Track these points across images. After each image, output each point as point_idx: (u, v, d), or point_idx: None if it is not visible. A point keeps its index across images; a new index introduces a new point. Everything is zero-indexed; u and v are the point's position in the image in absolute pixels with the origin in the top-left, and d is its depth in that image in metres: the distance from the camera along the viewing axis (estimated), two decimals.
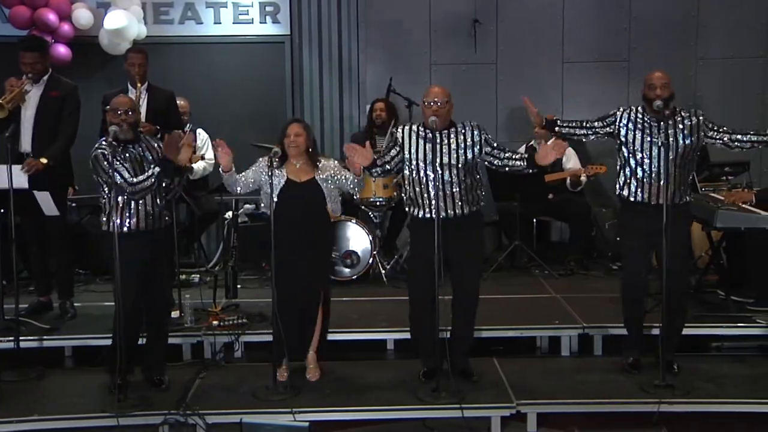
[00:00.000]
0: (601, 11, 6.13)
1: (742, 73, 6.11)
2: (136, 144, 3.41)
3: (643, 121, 3.56)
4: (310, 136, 3.55)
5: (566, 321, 4.15)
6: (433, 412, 3.31)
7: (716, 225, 3.99)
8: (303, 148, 3.51)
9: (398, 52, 6.13)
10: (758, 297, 4.20)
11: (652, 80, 3.53)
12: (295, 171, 3.51)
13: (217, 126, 5.73)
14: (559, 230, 6.06)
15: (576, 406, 3.38)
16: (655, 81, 3.52)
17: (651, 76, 3.56)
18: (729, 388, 3.47)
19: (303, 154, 3.52)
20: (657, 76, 3.54)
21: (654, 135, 3.51)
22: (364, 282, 5.05)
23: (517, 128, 6.13)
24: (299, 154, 3.51)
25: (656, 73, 3.57)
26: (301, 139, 3.49)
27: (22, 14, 5.50)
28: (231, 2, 6.06)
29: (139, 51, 4.42)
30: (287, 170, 3.52)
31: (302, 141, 3.49)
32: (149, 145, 3.46)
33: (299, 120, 3.66)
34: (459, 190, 3.42)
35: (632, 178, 3.56)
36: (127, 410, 3.23)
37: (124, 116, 3.34)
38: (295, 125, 3.53)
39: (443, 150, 3.40)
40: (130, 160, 3.35)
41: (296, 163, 3.53)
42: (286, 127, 3.52)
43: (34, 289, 4.51)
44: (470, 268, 3.53)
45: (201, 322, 4.12)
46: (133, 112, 3.40)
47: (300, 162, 3.53)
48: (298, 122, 3.58)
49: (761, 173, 5.70)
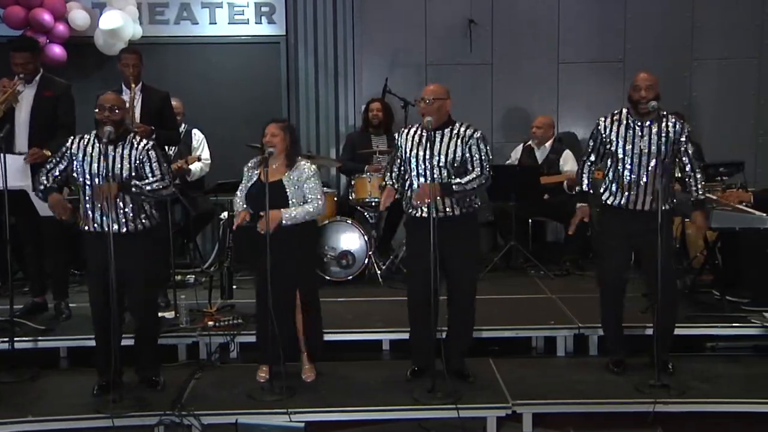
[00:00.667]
0: (597, 12, 6.16)
1: (737, 73, 6.14)
2: (120, 143, 3.38)
3: (626, 124, 3.53)
4: (288, 137, 3.49)
5: (562, 321, 4.16)
6: (428, 412, 3.31)
7: (711, 225, 3.99)
8: (279, 149, 3.46)
9: (394, 52, 6.14)
10: (753, 297, 4.21)
11: (637, 81, 3.51)
12: (270, 171, 3.43)
13: (212, 126, 5.74)
14: (554, 231, 6.07)
15: (571, 406, 3.38)
16: (640, 82, 3.48)
17: (636, 77, 3.53)
18: (724, 388, 3.48)
19: (280, 154, 3.48)
20: (642, 78, 3.50)
21: (637, 138, 3.50)
22: (359, 282, 5.04)
23: (512, 128, 6.16)
24: (276, 155, 3.47)
25: (641, 74, 3.53)
26: (276, 139, 3.44)
27: (16, 14, 5.48)
28: (226, 3, 6.07)
29: (133, 51, 4.40)
30: (261, 170, 3.47)
31: (278, 141, 3.45)
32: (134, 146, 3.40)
33: (278, 120, 3.58)
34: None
35: (615, 181, 3.56)
36: (122, 411, 3.22)
37: (109, 113, 3.32)
38: (272, 126, 3.48)
39: (436, 148, 3.41)
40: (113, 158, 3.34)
41: (273, 163, 3.48)
42: (264, 126, 3.50)
43: (28, 290, 4.49)
44: (465, 269, 3.53)
45: (196, 322, 4.11)
46: (119, 110, 3.38)
47: (276, 163, 3.49)
48: (276, 122, 3.52)
49: (756, 173, 5.72)
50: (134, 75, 4.24)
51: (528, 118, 5.86)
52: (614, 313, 3.67)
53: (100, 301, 3.34)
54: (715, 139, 5.95)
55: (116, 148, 3.37)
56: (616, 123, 3.56)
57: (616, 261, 3.63)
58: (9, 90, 3.96)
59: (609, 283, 3.66)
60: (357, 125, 6.05)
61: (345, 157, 5.66)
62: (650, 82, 3.48)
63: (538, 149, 5.60)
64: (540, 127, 5.57)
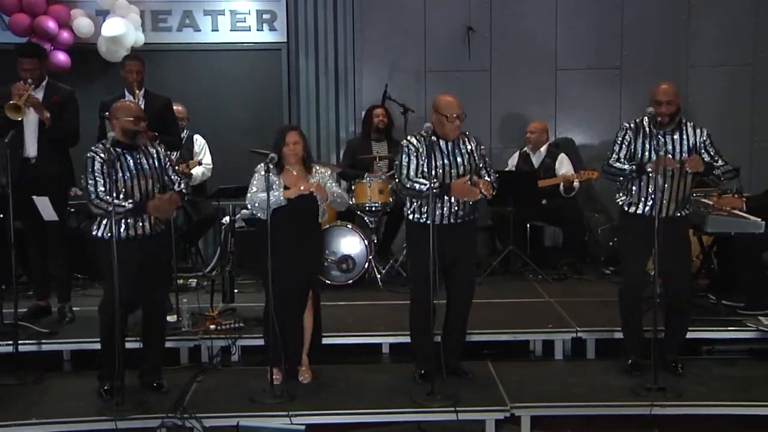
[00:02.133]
0: (594, 19, 6.21)
1: (732, 80, 6.19)
2: (135, 151, 3.41)
3: (648, 133, 3.56)
4: (306, 144, 3.61)
5: (560, 325, 4.19)
6: (427, 415, 3.34)
7: (707, 230, 4.03)
8: (300, 156, 3.57)
9: (393, 59, 6.19)
10: (748, 301, 4.24)
11: (658, 96, 3.46)
12: (293, 179, 3.55)
13: (214, 132, 5.79)
14: (552, 235, 6.11)
15: (569, 409, 3.41)
16: (660, 96, 3.45)
17: (656, 91, 3.49)
18: (720, 391, 3.50)
19: (300, 161, 3.58)
20: (662, 90, 3.46)
21: (660, 147, 3.49)
22: (359, 286, 5.08)
23: (510, 135, 6.20)
24: (297, 162, 3.57)
25: (662, 86, 3.49)
26: (299, 147, 3.54)
27: (21, 21, 5.54)
28: (228, 10, 6.13)
29: (136, 58, 4.46)
30: (285, 178, 3.55)
31: (300, 149, 3.55)
32: (147, 153, 3.44)
33: (296, 128, 3.70)
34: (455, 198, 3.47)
35: (638, 190, 3.57)
36: (124, 414, 3.25)
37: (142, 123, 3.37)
38: (294, 133, 3.56)
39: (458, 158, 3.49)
40: (128, 168, 3.35)
41: (293, 170, 3.57)
42: (285, 135, 3.54)
43: (32, 293, 4.52)
44: (468, 273, 3.60)
45: (198, 326, 4.14)
46: (142, 120, 3.42)
47: (297, 169, 3.59)
48: (296, 130, 3.61)
49: (751, 179, 5.76)
50: (138, 81, 4.30)
51: (526, 125, 5.91)
52: (637, 315, 3.69)
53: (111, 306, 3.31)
54: None
55: (138, 156, 3.39)
56: (638, 131, 3.58)
57: (640, 265, 3.67)
58: (25, 93, 4.00)
59: (633, 286, 3.68)
60: (357, 131, 6.10)
61: (345, 164, 5.71)
62: (671, 96, 3.46)
63: (534, 154, 5.64)
64: (533, 132, 5.62)
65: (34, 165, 4.14)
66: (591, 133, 6.25)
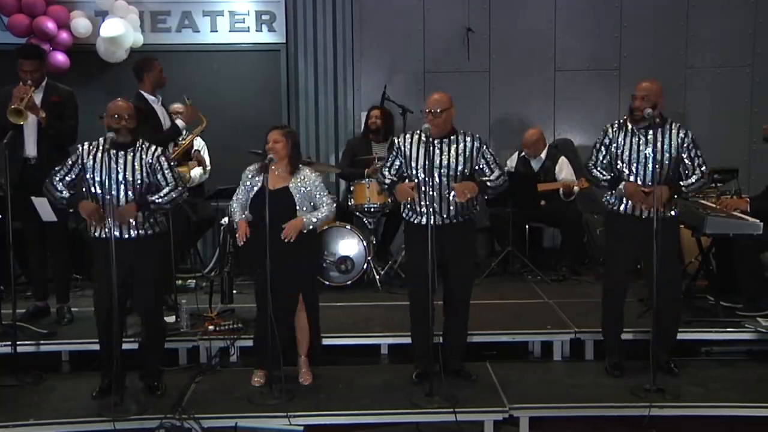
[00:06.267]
0: (593, 20, 6.22)
1: (731, 81, 6.20)
2: (130, 149, 3.41)
3: (630, 131, 3.58)
4: (290, 143, 3.53)
5: (558, 326, 4.20)
6: (426, 416, 3.34)
7: (705, 231, 4.03)
8: (282, 155, 3.50)
9: (392, 60, 6.19)
10: (747, 302, 4.25)
11: (636, 90, 3.57)
12: (273, 177, 3.48)
13: (213, 133, 5.77)
14: (551, 236, 6.12)
15: (568, 410, 3.42)
16: (637, 92, 3.55)
17: (637, 86, 3.59)
18: (718, 392, 3.51)
19: (282, 160, 3.52)
20: (639, 87, 3.56)
21: (641, 145, 3.55)
22: (358, 287, 5.08)
23: (508, 136, 6.20)
24: (279, 161, 3.51)
25: (641, 83, 3.58)
26: (279, 146, 3.48)
27: (20, 22, 5.54)
28: (227, 11, 6.13)
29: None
30: (263, 177, 3.48)
31: (280, 148, 3.48)
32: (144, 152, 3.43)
33: (280, 126, 3.62)
34: (452, 198, 3.47)
35: None
36: (123, 415, 3.26)
37: (124, 121, 3.36)
38: (274, 132, 3.52)
39: (440, 157, 3.46)
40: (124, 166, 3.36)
41: (275, 169, 3.52)
42: (267, 133, 3.53)
43: (31, 294, 4.52)
44: (466, 273, 3.60)
45: (197, 327, 4.14)
46: (130, 117, 3.41)
47: (279, 169, 3.53)
48: (278, 129, 3.55)
49: (749, 180, 5.77)
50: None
51: (525, 126, 5.91)
52: (617, 316, 3.71)
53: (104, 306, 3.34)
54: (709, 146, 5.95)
55: (126, 155, 3.38)
56: (620, 131, 3.61)
57: (622, 265, 3.67)
58: (26, 97, 3.99)
59: (614, 286, 3.70)
60: (356, 132, 6.10)
61: (344, 164, 5.71)
62: (646, 92, 3.52)
63: (533, 159, 5.65)
64: (529, 147, 5.57)
65: (34, 165, 4.14)
66: (590, 133, 6.24)
